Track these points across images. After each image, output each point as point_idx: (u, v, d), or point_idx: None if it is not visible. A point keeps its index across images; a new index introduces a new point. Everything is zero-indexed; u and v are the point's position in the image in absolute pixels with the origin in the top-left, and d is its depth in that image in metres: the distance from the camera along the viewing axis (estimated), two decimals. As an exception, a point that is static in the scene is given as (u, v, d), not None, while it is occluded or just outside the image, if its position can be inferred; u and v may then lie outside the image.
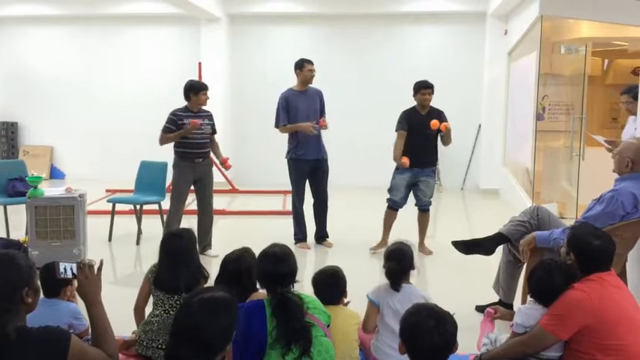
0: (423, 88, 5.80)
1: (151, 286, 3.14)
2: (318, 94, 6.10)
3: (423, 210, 5.89)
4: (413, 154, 5.65)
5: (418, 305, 2.09)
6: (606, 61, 9.34)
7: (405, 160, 5.60)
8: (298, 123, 5.81)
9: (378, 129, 10.28)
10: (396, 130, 5.75)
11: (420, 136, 5.70)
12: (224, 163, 5.81)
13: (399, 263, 3.03)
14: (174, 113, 5.46)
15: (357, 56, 10.30)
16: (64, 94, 10.92)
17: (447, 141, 5.79)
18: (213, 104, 9.86)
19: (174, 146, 5.45)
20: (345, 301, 3.13)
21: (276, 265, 2.57)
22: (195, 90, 5.48)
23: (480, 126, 10.15)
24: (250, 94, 10.59)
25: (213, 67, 9.93)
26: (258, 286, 2.76)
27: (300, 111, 5.87)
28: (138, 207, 6.15)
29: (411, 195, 5.84)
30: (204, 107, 5.61)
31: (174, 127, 5.36)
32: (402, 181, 5.73)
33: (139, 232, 6.10)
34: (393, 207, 5.84)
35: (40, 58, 11.02)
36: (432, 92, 5.84)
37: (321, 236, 6.08)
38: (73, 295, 3.07)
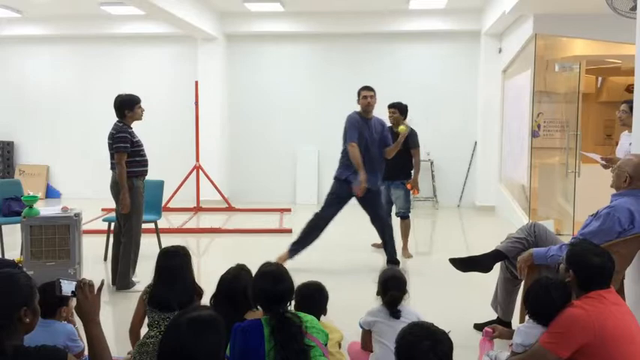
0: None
1: (146, 307, 3.11)
2: (381, 124, 5.80)
3: (400, 217, 6.29)
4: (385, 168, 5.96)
5: (413, 325, 2.07)
6: (600, 78, 9.42)
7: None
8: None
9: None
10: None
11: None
12: None
13: (399, 291, 3.04)
14: (125, 130, 5.01)
15: (352, 75, 10.35)
16: (60, 114, 10.95)
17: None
18: (210, 123, 10.03)
19: (129, 166, 5.02)
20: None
21: (275, 284, 2.52)
22: (129, 105, 5.05)
23: (475, 143, 10.19)
24: (247, 112, 10.63)
25: (210, 86, 9.99)
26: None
27: (363, 138, 5.57)
28: (134, 226, 6.11)
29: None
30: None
31: (130, 146, 5.00)
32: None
33: (135, 251, 6.06)
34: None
35: (36, 77, 11.06)
36: (391, 107, 6.34)
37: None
38: (71, 315, 3.04)
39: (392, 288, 3.04)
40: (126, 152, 4.96)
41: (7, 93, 11.13)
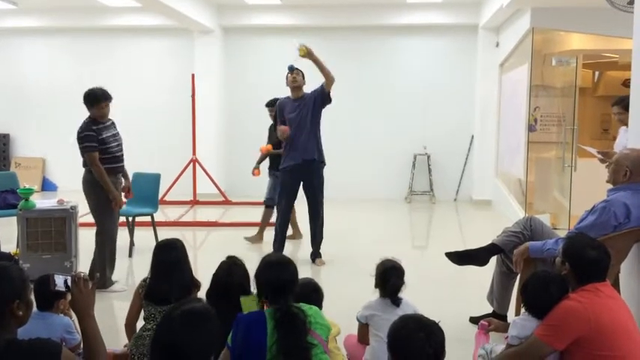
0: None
1: (142, 301, 3.11)
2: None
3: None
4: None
5: (405, 318, 2.07)
6: (597, 73, 9.43)
7: None
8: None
9: (373, 138, 10.33)
10: None
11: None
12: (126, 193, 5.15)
13: (400, 279, 3.05)
14: (89, 128, 4.74)
15: (350, 67, 10.33)
16: (56, 106, 10.88)
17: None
18: (207, 116, 10.00)
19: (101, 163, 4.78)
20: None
21: (281, 273, 2.50)
22: (91, 102, 4.75)
23: (472, 137, 10.19)
24: (244, 105, 10.59)
25: (206, 79, 9.95)
26: (253, 291, 2.70)
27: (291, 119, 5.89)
28: (130, 219, 6.12)
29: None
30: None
31: (97, 144, 4.73)
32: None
33: (132, 244, 6.06)
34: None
35: (32, 69, 11.00)
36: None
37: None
38: (67, 309, 3.04)
39: (392, 277, 3.05)
40: (95, 151, 4.71)
41: (3, 85, 11.06)
